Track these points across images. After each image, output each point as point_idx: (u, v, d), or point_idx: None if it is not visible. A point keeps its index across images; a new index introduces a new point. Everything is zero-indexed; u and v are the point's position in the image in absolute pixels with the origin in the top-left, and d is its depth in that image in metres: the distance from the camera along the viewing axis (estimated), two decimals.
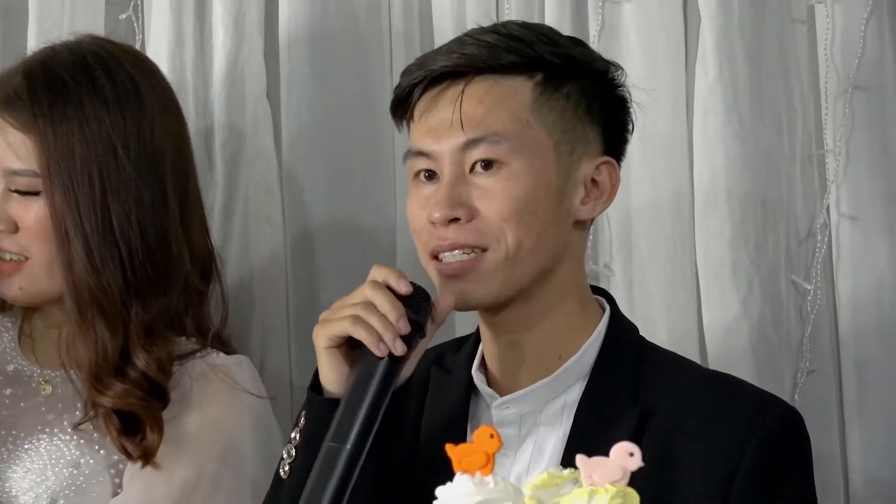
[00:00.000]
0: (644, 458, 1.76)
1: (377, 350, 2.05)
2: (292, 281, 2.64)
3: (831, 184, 2.47)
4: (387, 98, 2.47)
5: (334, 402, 2.07)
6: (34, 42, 2.63)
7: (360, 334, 2.05)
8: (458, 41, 2.15)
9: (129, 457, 2.34)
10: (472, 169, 2.09)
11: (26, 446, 2.39)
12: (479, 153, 2.09)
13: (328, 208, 2.65)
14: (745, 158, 2.48)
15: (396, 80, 2.42)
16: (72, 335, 2.40)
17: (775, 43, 2.50)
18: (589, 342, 2.13)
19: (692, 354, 2.46)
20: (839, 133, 2.46)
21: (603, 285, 2.35)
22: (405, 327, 2.05)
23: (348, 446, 2.02)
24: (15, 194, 2.37)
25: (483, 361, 2.19)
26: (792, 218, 2.50)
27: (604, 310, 2.18)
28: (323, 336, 2.09)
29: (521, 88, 2.11)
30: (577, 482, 1.72)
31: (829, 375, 2.49)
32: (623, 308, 2.23)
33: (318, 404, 2.10)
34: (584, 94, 2.12)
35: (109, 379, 2.35)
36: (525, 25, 2.18)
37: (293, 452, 2.11)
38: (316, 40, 2.63)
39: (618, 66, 2.17)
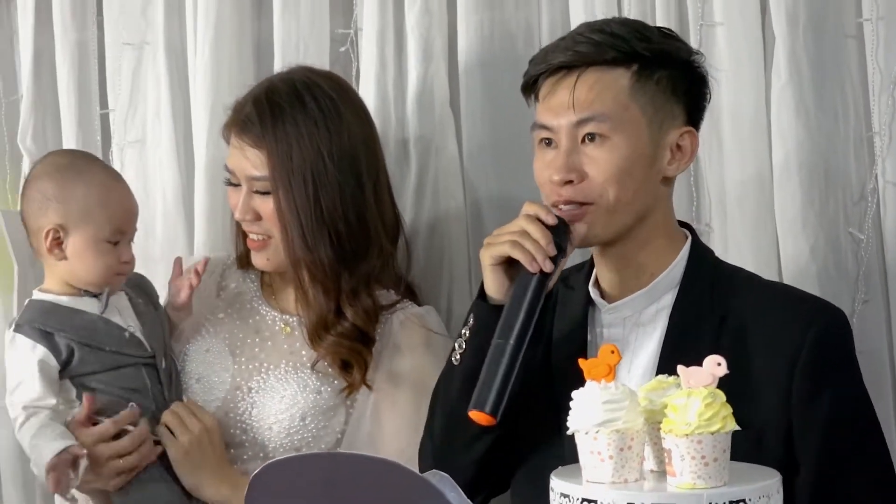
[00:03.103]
0: (724, 353, 1.79)
1: (531, 267, 2.06)
2: (472, 243, 2.63)
3: (878, 158, 2.45)
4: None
5: (495, 308, 2.10)
6: None
7: (517, 254, 2.07)
8: (572, 39, 2.15)
9: (349, 386, 2.39)
10: (582, 141, 2.11)
11: (278, 376, 2.43)
12: (588, 129, 2.10)
13: (496, 188, 2.64)
14: (811, 140, 2.46)
15: None
16: (297, 297, 2.44)
17: (832, 52, 2.47)
18: (676, 261, 2.14)
19: None
20: (884, 119, 2.44)
21: (704, 240, 2.32)
22: (552, 250, 2.07)
23: (511, 341, 2.04)
24: (256, 194, 2.40)
25: (597, 280, 2.20)
26: (848, 185, 2.48)
27: (687, 238, 2.18)
28: (488, 255, 2.11)
29: (621, 77, 2.11)
30: (678, 386, 1.79)
31: (879, 304, 2.47)
32: (720, 256, 2.25)
33: (484, 308, 2.13)
34: (671, 79, 2.12)
35: (323, 334, 2.38)
36: (623, 23, 2.18)
37: (463, 345, 2.14)
38: (485, 62, 2.63)
39: (696, 52, 2.17)
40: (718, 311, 2.10)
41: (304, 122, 2.38)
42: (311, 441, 2.40)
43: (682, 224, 2.23)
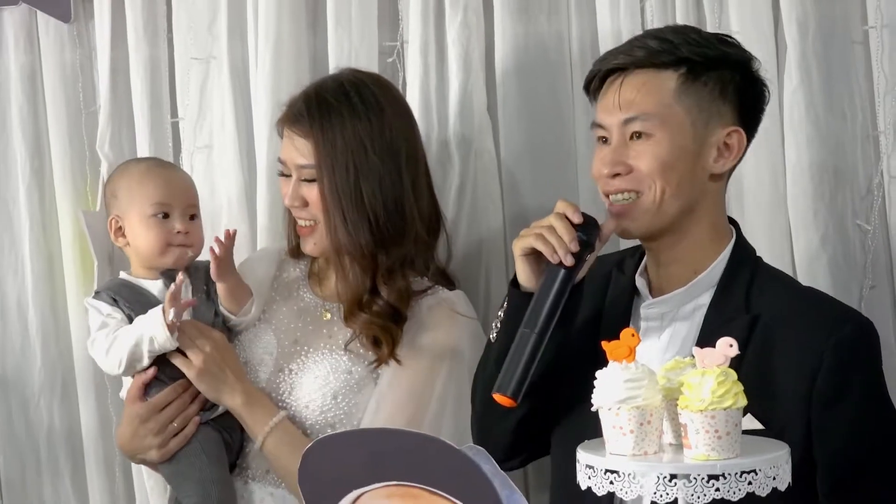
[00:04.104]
0: (752, 353, 1.80)
1: (552, 258, 2.08)
2: (508, 237, 2.62)
3: (883, 155, 2.45)
4: (571, 108, 2.60)
5: (524, 294, 2.12)
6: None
7: (540, 246, 2.09)
8: (630, 44, 2.16)
9: (378, 360, 2.39)
10: (630, 137, 2.11)
11: (315, 358, 2.44)
12: (634, 127, 2.10)
13: (531, 186, 2.64)
14: (821, 139, 2.47)
15: (578, 95, 2.49)
16: (337, 277, 2.45)
17: (840, 58, 2.47)
18: (717, 261, 2.12)
19: None
20: (888, 119, 2.44)
21: None
22: (575, 246, 2.08)
23: (536, 331, 2.06)
24: (303, 182, 2.41)
25: (646, 268, 2.20)
26: (855, 180, 2.48)
27: (732, 236, 2.16)
28: (518, 246, 2.13)
29: (668, 79, 2.10)
30: (694, 366, 1.80)
31: (885, 289, 2.47)
32: None
33: (516, 295, 2.15)
34: (720, 81, 2.10)
35: (357, 311, 2.39)
36: (676, 30, 2.17)
37: (499, 325, 2.17)
38: (520, 71, 2.63)
39: (751, 59, 2.14)
40: (751, 312, 2.08)
41: (349, 115, 2.39)
42: (343, 418, 2.41)
43: (731, 220, 2.21)
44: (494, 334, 2.19)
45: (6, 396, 2.94)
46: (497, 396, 2.06)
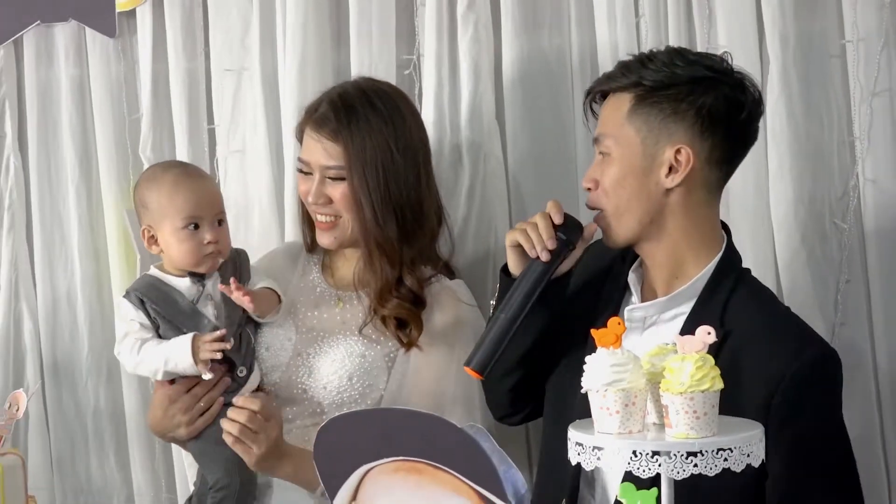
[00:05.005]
0: (720, 365, 1.78)
1: (530, 253, 2.15)
2: None
3: (859, 159, 2.47)
4: (572, 115, 2.62)
5: (513, 281, 2.19)
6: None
7: (521, 241, 2.17)
8: (614, 68, 2.20)
9: (402, 344, 2.43)
10: (601, 154, 2.16)
11: (330, 343, 2.46)
12: (599, 146, 2.16)
13: (535, 188, 2.66)
14: (801, 144, 2.48)
15: (577, 103, 2.53)
16: (362, 268, 2.48)
17: (819, 69, 2.49)
18: (700, 274, 2.13)
19: (769, 275, 2.46)
20: (863, 126, 2.46)
21: None
22: (552, 243, 2.15)
23: (508, 315, 2.15)
24: (328, 180, 2.43)
25: (640, 264, 2.21)
26: (832, 182, 2.50)
27: (721, 247, 2.14)
28: (508, 239, 2.21)
29: (623, 101, 2.13)
30: (675, 352, 1.83)
31: (860, 283, 2.49)
32: None
33: (505, 281, 2.23)
34: (672, 100, 2.09)
35: (389, 297, 2.42)
36: (640, 57, 2.16)
37: (493, 303, 2.25)
38: (525, 80, 2.65)
39: (711, 78, 2.10)
40: (725, 326, 2.07)
41: (375, 119, 2.42)
42: (357, 398, 2.44)
43: (726, 229, 2.20)
44: (492, 312, 2.23)
45: (57, 380, 3.00)
46: (467, 369, 2.15)
